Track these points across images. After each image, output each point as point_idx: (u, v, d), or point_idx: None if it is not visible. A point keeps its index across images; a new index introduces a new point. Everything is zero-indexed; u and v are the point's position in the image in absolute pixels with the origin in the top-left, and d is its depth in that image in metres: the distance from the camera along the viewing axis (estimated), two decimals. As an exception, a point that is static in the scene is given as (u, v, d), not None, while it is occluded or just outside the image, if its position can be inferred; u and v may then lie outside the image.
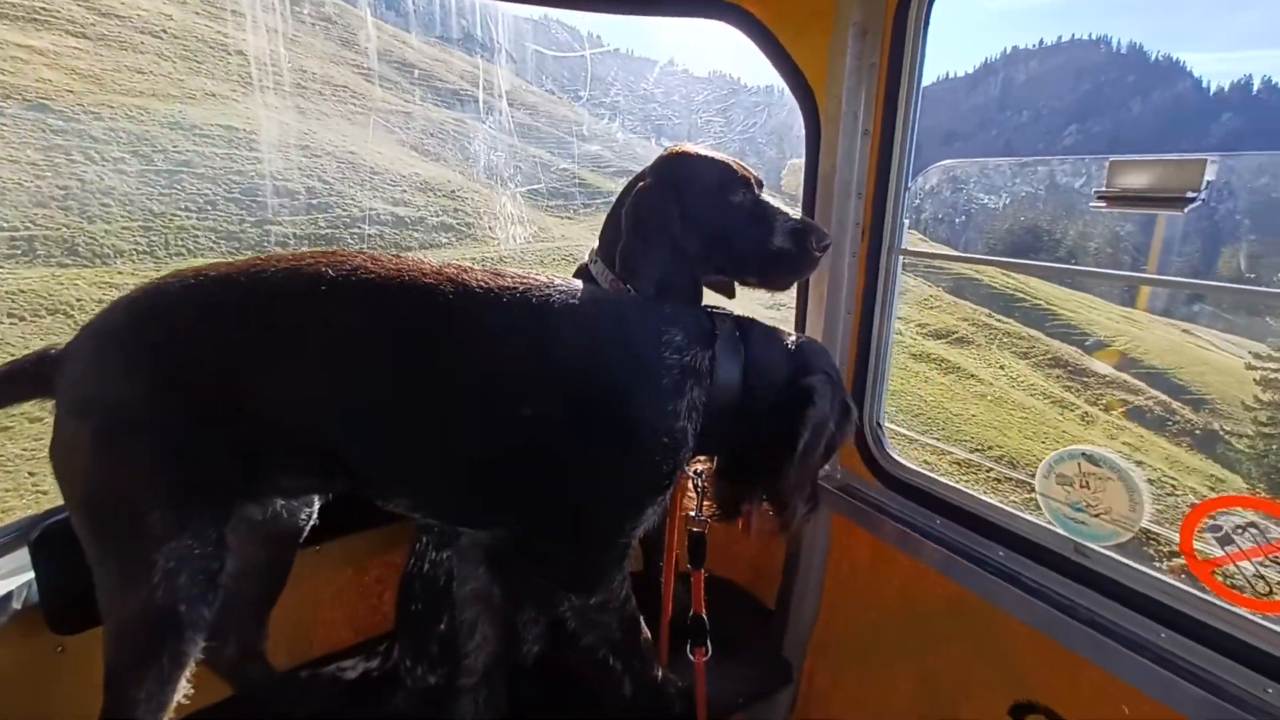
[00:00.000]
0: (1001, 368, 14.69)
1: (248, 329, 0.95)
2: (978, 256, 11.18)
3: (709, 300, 1.31)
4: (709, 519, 1.31)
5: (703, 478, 1.30)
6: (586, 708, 1.34)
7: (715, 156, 1.22)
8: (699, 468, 1.29)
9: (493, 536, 1.28)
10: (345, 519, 1.31)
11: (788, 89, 1.60)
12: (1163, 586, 1.10)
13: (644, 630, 1.25)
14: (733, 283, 1.34)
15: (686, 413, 1.05)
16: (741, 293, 1.37)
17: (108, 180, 8.07)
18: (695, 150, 1.22)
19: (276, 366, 0.95)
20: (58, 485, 0.96)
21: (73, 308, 6.71)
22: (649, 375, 1.03)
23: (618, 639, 1.19)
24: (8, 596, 1.14)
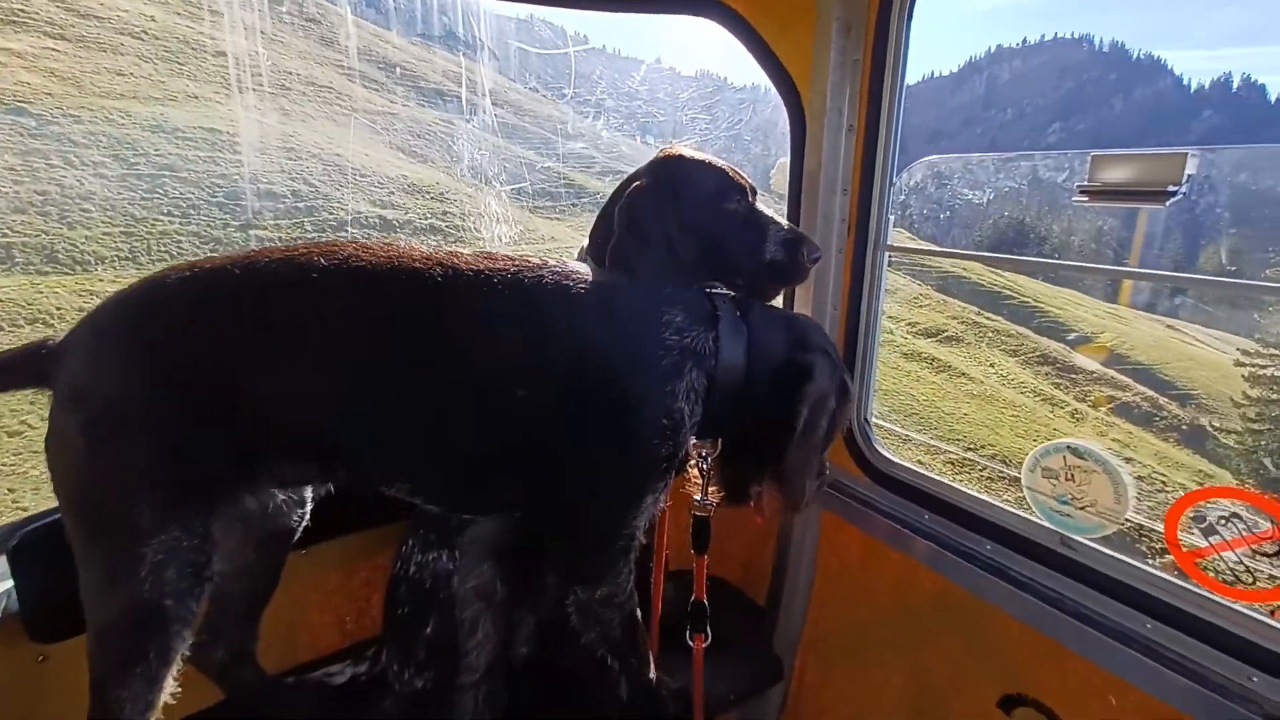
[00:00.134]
0: (991, 365, 14.82)
1: (242, 323, 0.96)
2: (963, 252, 11.29)
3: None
4: (716, 504, 1.29)
5: (707, 460, 1.28)
6: (581, 708, 1.34)
7: (713, 162, 1.21)
8: (702, 450, 1.27)
9: (498, 528, 1.27)
10: (333, 522, 1.30)
11: (772, 86, 1.60)
12: (1149, 578, 1.11)
13: (642, 629, 1.24)
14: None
15: (685, 394, 1.04)
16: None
17: (88, 185, 7.95)
18: (692, 154, 1.21)
19: (271, 359, 0.96)
20: (50, 478, 0.96)
21: (52, 316, 6.59)
22: (647, 356, 1.02)
23: (617, 637, 1.18)
24: None
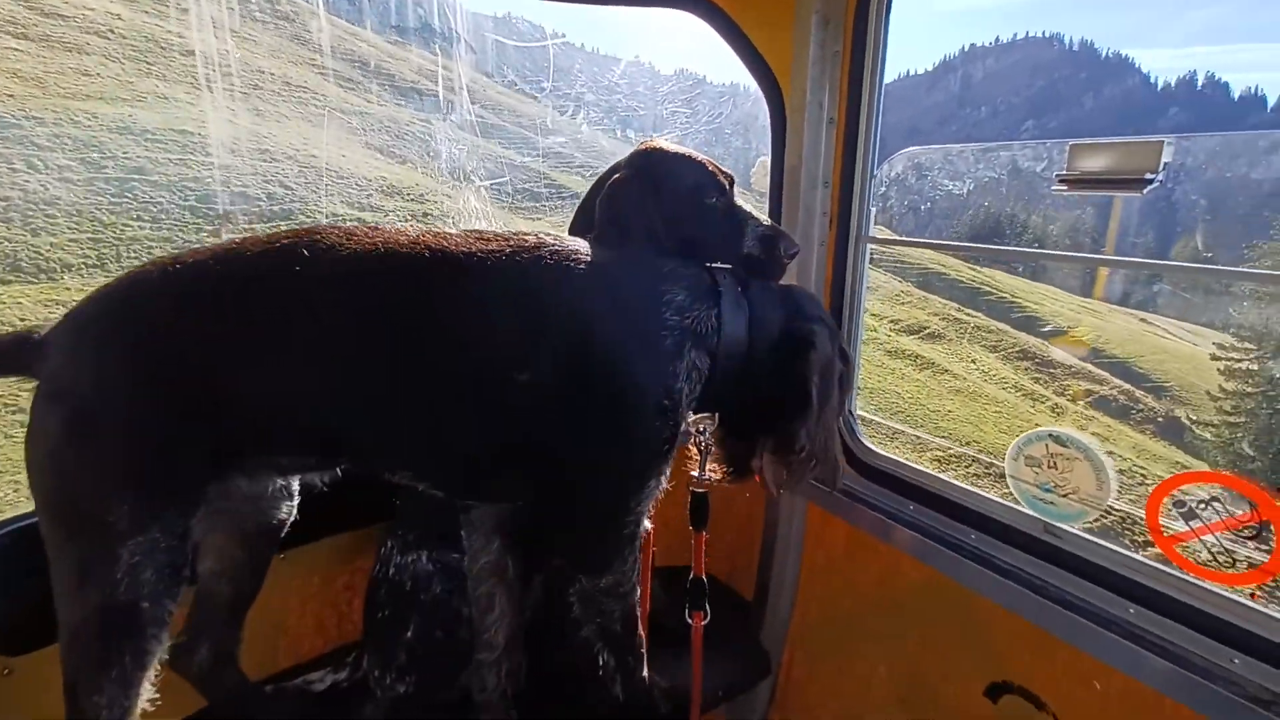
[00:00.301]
0: (973, 361, 15.02)
1: (225, 319, 0.94)
2: (944, 242, 11.46)
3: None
4: (720, 481, 1.27)
5: (706, 435, 1.27)
6: (574, 706, 1.33)
7: (692, 156, 1.20)
8: (702, 425, 1.26)
9: (502, 510, 1.26)
10: (313, 525, 1.28)
11: (753, 81, 1.60)
12: (1131, 563, 1.12)
13: (640, 627, 1.22)
14: None
15: (686, 374, 1.03)
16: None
17: (52, 190, 7.70)
18: (672, 147, 1.20)
19: (255, 355, 0.94)
20: (27, 473, 0.93)
21: (15, 328, 6.37)
22: (648, 338, 1.01)
23: (617, 631, 1.16)
24: None
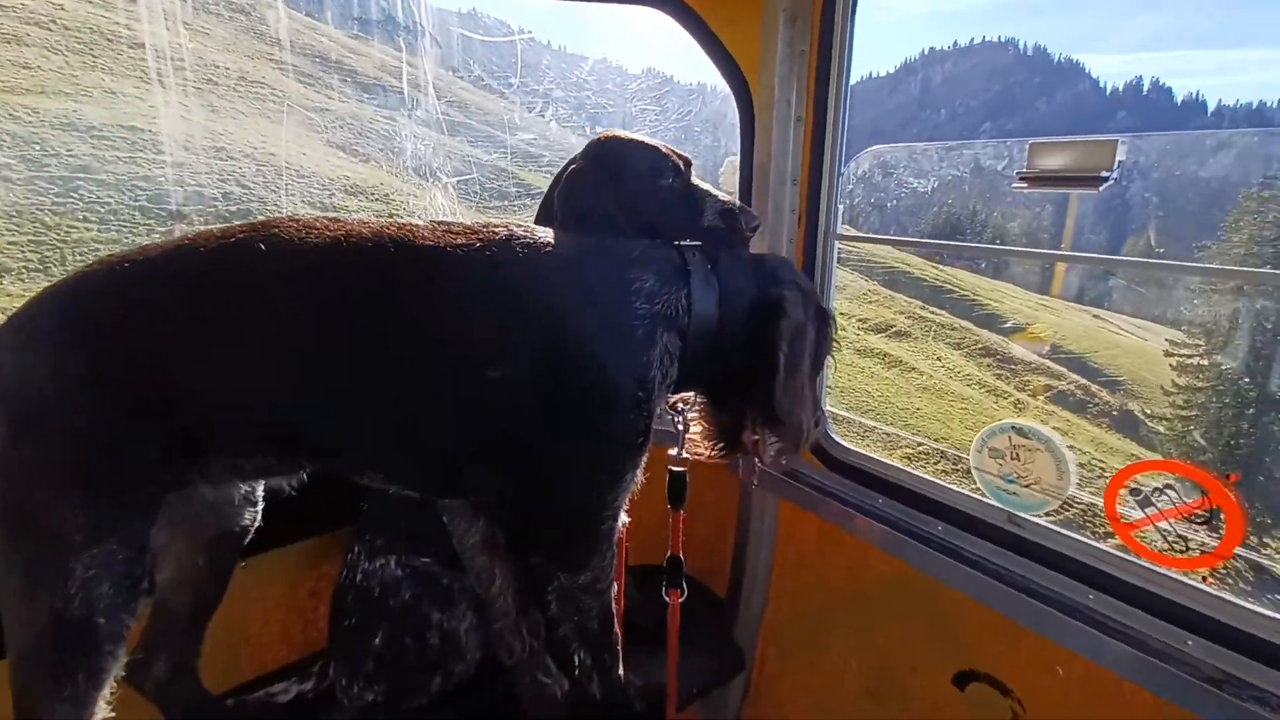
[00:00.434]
0: (938, 359, 15.35)
1: (175, 317, 0.89)
2: (911, 239, 11.75)
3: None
4: (709, 457, 1.26)
5: (683, 414, 1.26)
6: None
7: (646, 141, 1.21)
8: (679, 405, 1.25)
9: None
10: (277, 531, 1.23)
11: (721, 79, 1.60)
12: (1090, 550, 1.15)
13: (615, 625, 1.21)
14: None
15: (659, 360, 1.02)
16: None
17: (-11, 189, 7.35)
18: (626, 135, 1.20)
19: (207, 352, 0.90)
20: None
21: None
22: (619, 329, 0.99)
23: (594, 629, 1.15)
24: None
